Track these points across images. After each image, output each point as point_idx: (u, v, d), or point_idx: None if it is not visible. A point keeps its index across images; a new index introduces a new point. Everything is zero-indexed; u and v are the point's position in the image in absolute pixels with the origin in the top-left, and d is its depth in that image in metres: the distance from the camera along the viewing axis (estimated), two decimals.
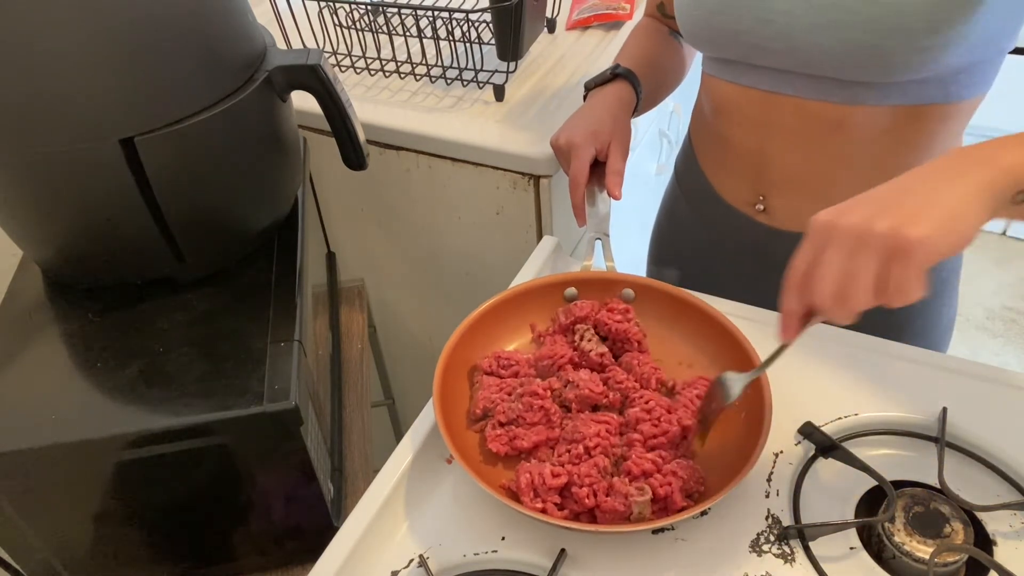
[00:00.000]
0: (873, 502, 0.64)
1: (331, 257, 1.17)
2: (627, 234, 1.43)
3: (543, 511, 0.60)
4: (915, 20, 0.64)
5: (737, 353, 0.70)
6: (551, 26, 1.24)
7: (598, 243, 0.82)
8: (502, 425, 0.68)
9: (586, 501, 0.61)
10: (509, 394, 0.70)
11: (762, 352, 0.69)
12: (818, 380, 0.73)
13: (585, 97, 0.89)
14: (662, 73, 0.92)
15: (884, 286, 0.50)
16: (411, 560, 0.62)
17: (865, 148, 0.75)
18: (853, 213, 0.50)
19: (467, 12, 1.02)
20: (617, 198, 0.81)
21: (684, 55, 0.96)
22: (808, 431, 0.68)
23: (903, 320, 0.84)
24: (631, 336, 0.74)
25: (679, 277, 0.92)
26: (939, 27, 0.64)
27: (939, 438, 0.66)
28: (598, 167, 0.82)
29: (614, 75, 0.87)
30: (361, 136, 0.81)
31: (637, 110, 0.88)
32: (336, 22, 1.11)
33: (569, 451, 0.65)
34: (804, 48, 0.70)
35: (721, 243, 0.90)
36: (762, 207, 0.83)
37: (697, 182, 0.91)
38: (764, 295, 0.83)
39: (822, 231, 0.51)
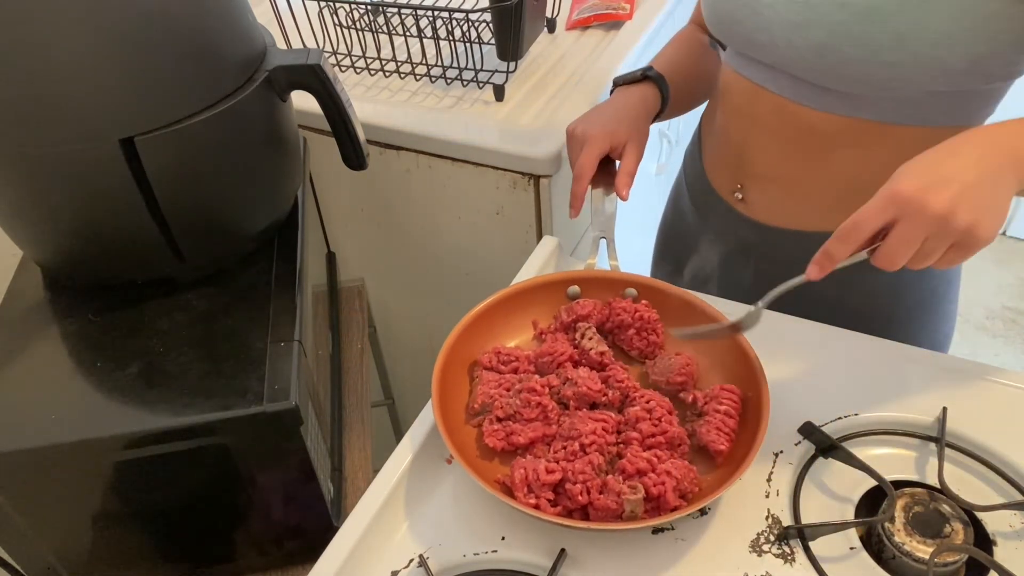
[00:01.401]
0: (873, 502, 0.64)
1: (331, 257, 1.17)
2: (628, 234, 1.43)
3: (536, 507, 0.61)
4: (878, 29, 0.63)
5: (737, 354, 0.70)
6: (551, 26, 1.24)
7: (602, 242, 0.82)
8: (499, 420, 0.68)
9: (579, 498, 0.61)
10: (508, 390, 0.70)
11: (762, 353, 0.69)
12: (818, 380, 0.73)
13: (612, 92, 0.89)
14: (694, 81, 0.92)
15: (937, 262, 0.56)
16: (411, 560, 0.62)
17: (838, 156, 0.75)
18: (939, 196, 0.53)
19: (467, 12, 1.02)
20: (624, 199, 0.81)
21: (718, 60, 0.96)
22: (808, 431, 0.68)
23: (905, 318, 0.85)
24: (646, 316, 0.75)
25: (675, 271, 0.93)
26: (905, 42, 0.63)
27: (939, 438, 0.66)
28: (607, 165, 0.83)
29: (644, 76, 0.87)
30: (361, 136, 0.81)
31: (662, 115, 0.89)
32: (336, 22, 1.11)
33: (565, 448, 0.65)
34: (781, 45, 0.70)
35: (710, 231, 0.91)
36: (740, 196, 0.84)
37: (696, 169, 0.92)
38: (738, 285, 0.85)
39: (906, 204, 0.53)
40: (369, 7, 1.13)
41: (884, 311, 0.83)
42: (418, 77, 1.13)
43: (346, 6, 1.12)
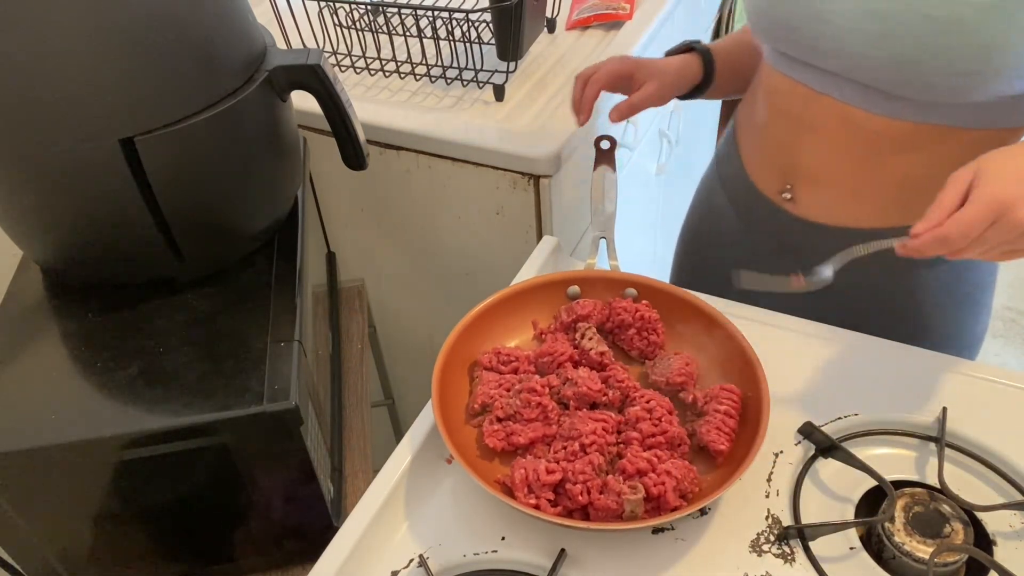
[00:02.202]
0: (873, 502, 0.64)
1: (331, 257, 1.17)
2: (628, 234, 1.43)
3: (536, 507, 0.61)
4: (961, 42, 0.63)
5: (737, 353, 0.70)
6: (551, 26, 1.24)
7: (602, 242, 0.82)
8: (500, 420, 0.68)
9: (579, 498, 0.61)
10: (508, 390, 0.70)
11: (762, 353, 0.69)
12: (818, 380, 0.73)
13: None
14: (743, 70, 0.92)
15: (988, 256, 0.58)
16: (411, 560, 0.62)
17: (901, 158, 0.74)
18: None
19: (467, 12, 1.02)
20: (612, 120, 0.85)
21: None
22: (808, 431, 0.68)
23: (933, 327, 0.84)
24: (646, 316, 0.75)
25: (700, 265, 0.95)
26: (988, 53, 0.63)
27: (939, 438, 0.66)
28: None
29: (690, 48, 0.90)
30: (361, 136, 0.81)
31: (705, 90, 0.91)
32: (336, 22, 1.11)
33: (565, 448, 0.65)
34: (852, 54, 0.69)
35: (748, 227, 0.90)
36: (789, 196, 0.83)
37: (734, 168, 0.91)
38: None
39: (997, 207, 0.55)
40: (369, 7, 1.13)
41: (934, 300, 0.83)
42: (418, 77, 1.13)
43: (346, 6, 1.12)
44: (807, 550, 0.61)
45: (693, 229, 1.03)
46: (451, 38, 1.07)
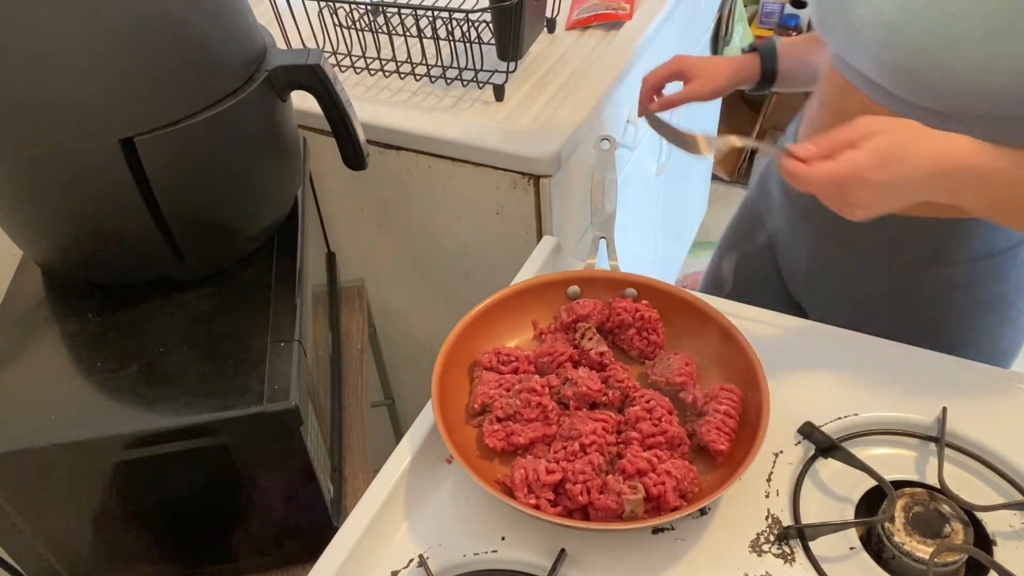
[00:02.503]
0: (873, 502, 0.64)
1: (331, 257, 1.17)
2: (628, 234, 1.43)
3: (536, 507, 0.61)
4: (960, 58, 0.63)
5: (737, 354, 0.70)
6: (551, 26, 1.24)
7: (602, 242, 0.82)
8: (499, 421, 0.68)
9: (579, 498, 0.61)
10: (508, 390, 0.70)
11: (762, 353, 0.69)
12: (818, 380, 0.73)
13: None
14: (810, 67, 0.95)
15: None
16: (411, 560, 0.62)
17: None
18: (863, 193, 0.59)
19: (467, 12, 1.02)
20: (654, 109, 0.91)
21: None
22: (808, 431, 0.68)
23: (969, 317, 0.84)
24: (646, 316, 0.75)
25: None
26: (989, 71, 0.63)
27: (939, 438, 0.66)
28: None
29: (752, 48, 0.96)
30: (361, 136, 0.81)
31: (768, 85, 0.96)
32: (336, 22, 1.11)
33: (565, 448, 0.65)
34: (869, 58, 0.71)
35: (788, 203, 0.92)
36: None
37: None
38: (801, 247, 0.91)
39: (852, 176, 0.58)
40: (369, 7, 1.13)
41: (950, 306, 0.83)
42: (418, 77, 1.13)
43: (346, 6, 1.12)
44: (807, 550, 0.61)
45: (747, 207, 1.05)
46: (451, 38, 1.07)
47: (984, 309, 0.82)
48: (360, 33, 1.13)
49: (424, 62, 1.11)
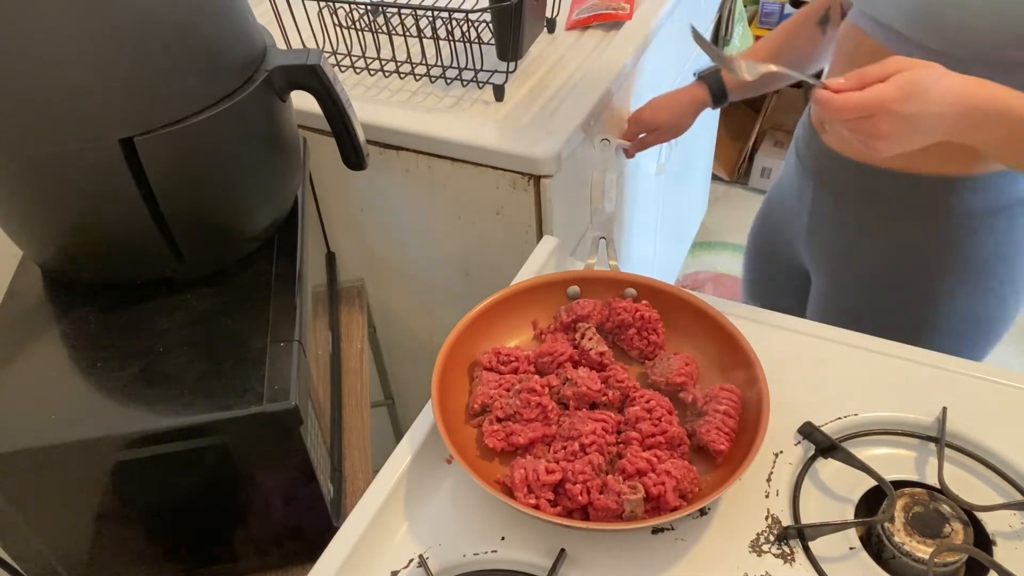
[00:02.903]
0: (873, 502, 0.64)
1: (331, 257, 1.17)
2: (628, 234, 1.43)
3: (536, 507, 0.61)
4: None
5: (737, 354, 0.70)
6: (551, 26, 1.24)
7: (602, 242, 0.82)
8: (499, 421, 0.68)
9: (579, 498, 0.61)
10: (508, 390, 0.70)
11: (762, 353, 0.69)
12: (818, 380, 0.73)
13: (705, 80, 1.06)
14: (789, 62, 1.00)
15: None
16: (411, 560, 0.62)
17: None
18: (895, 124, 0.62)
19: (467, 12, 1.02)
20: (628, 157, 1.10)
21: (822, 48, 1.01)
22: (808, 431, 0.68)
23: (931, 317, 0.87)
24: (646, 316, 0.75)
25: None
26: (1003, 10, 0.65)
27: (939, 438, 0.66)
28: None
29: (699, 77, 1.04)
30: (361, 136, 0.81)
31: (723, 101, 1.05)
32: (336, 22, 1.11)
33: (565, 448, 0.65)
34: (888, 1, 0.73)
35: (802, 159, 0.97)
36: (826, 127, 0.85)
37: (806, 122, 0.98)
38: (802, 202, 0.96)
39: (880, 106, 0.61)
40: (369, 7, 1.13)
41: (930, 264, 0.86)
42: (418, 77, 1.13)
43: (346, 6, 1.12)
44: (807, 550, 0.61)
45: (779, 180, 1.09)
46: (451, 38, 1.07)
47: (960, 270, 0.85)
48: (360, 33, 1.13)
49: (424, 62, 1.11)
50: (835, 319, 0.89)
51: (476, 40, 1.08)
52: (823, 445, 0.67)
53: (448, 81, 1.12)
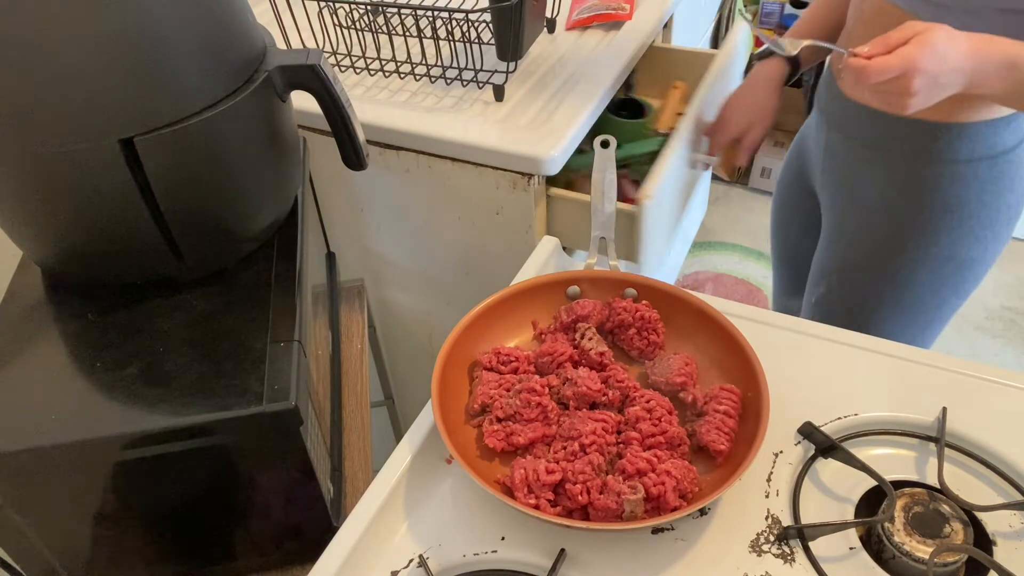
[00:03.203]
0: (873, 502, 0.64)
1: (331, 257, 1.17)
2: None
3: (536, 507, 0.61)
4: None
5: (737, 354, 0.70)
6: (551, 26, 1.24)
7: (602, 242, 0.82)
8: (499, 421, 0.68)
9: (579, 498, 0.61)
10: (508, 390, 0.70)
11: (762, 353, 0.69)
12: (818, 380, 0.73)
13: (747, 69, 1.10)
14: (834, 30, 1.03)
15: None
16: (411, 560, 0.62)
17: None
18: (922, 81, 0.69)
19: (467, 12, 1.02)
20: (739, 164, 1.09)
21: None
22: (808, 431, 0.68)
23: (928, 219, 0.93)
24: (646, 316, 0.75)
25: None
26: None
27: (939, 438, 0.66)
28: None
29: (763, 56, 1.05)
30: (361, 136, 0.81)
31: (796, 73, 1.06)
32: (336, 22, 1.11)
33: (565, 448, 0.65)
34: None
35: (817, 104, 1.04)
36: (840, 68, 0.87)
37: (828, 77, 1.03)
38: (814, 143, 1.05)
39: (908, 65, 0.68)
40: (369, 7, 1.13)
41: (923, 204, 0.93)
42: (418, 77, 1.13)
43: (346, 6, 1.12)
44: (807, 550, 0.61)
45: (804, 126, 1.14)
46: (451, 38, 1.07)
47: (943, 211, 0.91)
48: (360, 33, 1.13)
49: (424, 62, 1.11)
50: (839, 246, 1.02)
51: (476, 40, 1.08)
52: (823, 445, 0.67)
53: (448, 81, 1.12)
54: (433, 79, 1.13)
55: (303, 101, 0.80)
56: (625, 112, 1.27)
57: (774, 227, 1.26)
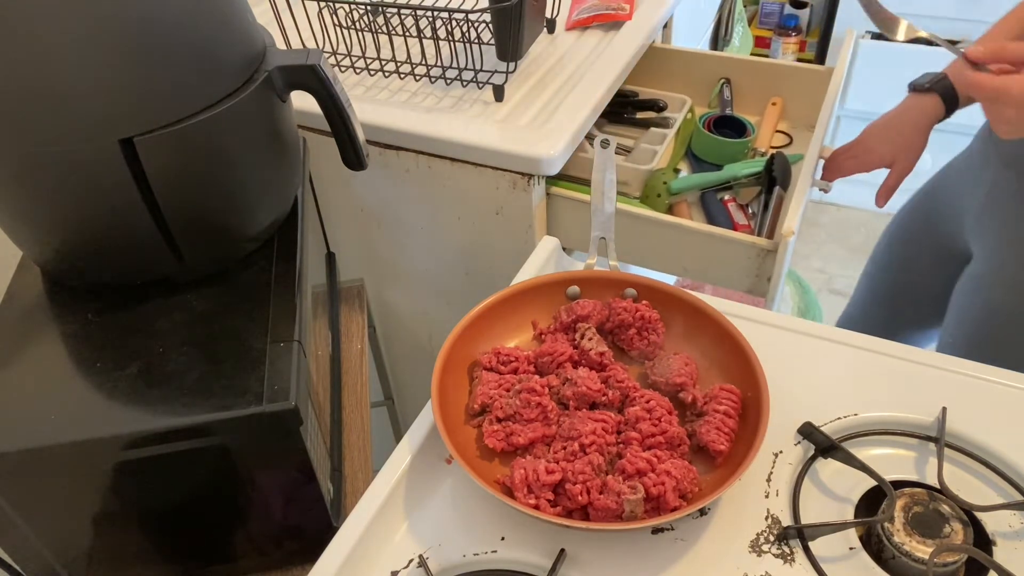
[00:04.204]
0: (873, 502, 0.64)
1: (331, 257, 1.17)
2: None
3: (536, 507, 0.61)
4: None
5: (737, 354, 0.70)
6: (551, 26, 1.24)
7: (602, 242, 0.82)
8: (499, 421, 0.68)
9: (579, 498, 0.61)
10: (507, 390, 0.70)
11: (762, 353, 0.69)
12: (818, 380, 0.73)
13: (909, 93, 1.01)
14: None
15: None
16: (411, 560, 0.62)
17: None
18: None
19: (467, 12, 1.02)
20: (879, 206, 1.01)
21: None
22: (808, 431, 0.68)
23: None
24: (646, 316, 0.75)
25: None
26: None
27: (939, 438, 0.66)
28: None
29: (929, 88, 0.96)
30: (361, 136, 0.81)
31: (959, 107, 0.97)
32: (336, 22, 1.11)
33: (564, 448, 0.65)
34: None
35: (982, 146, 0.99)
36: None
37: None
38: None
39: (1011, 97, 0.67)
40: (369, 7, 1.13)
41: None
42: (418, 77, 1.13)
43: (346, 6, 1.12)
44: (807, 550, 0.61)
45: (952, 162, 1.08)
46: (451, 38, 1.07)
47: None
48: (360, 33, 1.13)
49: (424, 62, 1.11)
50: (995, 290, 0.94)
51: (476, 40, 1.08)
52: (823, 445, 0.67)
53: (448, 81, 1.12)
54: (433, 79, 1.13)
55: (303, 101, 0.80)
56: (727, 130, 1.22)
57: (885, 263, 1.18)
